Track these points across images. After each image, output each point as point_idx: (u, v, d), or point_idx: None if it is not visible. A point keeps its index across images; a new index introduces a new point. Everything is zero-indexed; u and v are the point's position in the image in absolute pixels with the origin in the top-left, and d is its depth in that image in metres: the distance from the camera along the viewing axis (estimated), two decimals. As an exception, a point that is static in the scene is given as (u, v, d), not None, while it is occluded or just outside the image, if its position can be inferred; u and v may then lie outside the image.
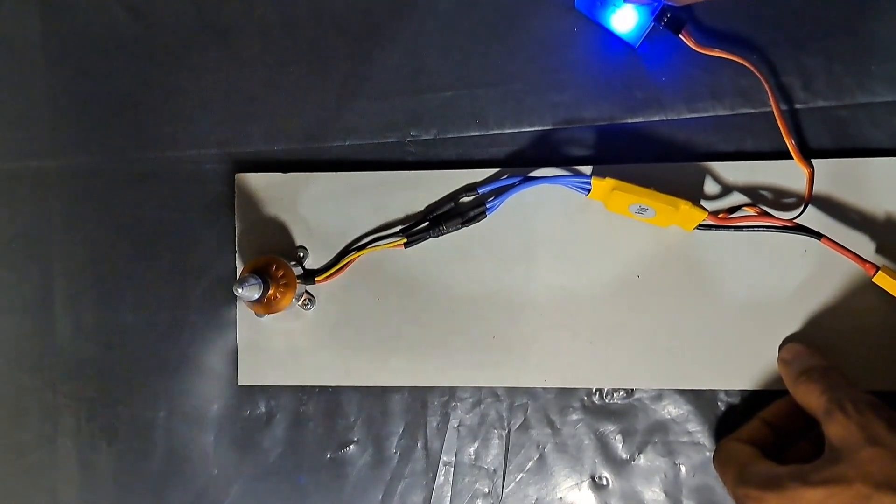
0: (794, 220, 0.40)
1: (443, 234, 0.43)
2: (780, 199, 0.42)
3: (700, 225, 0.41)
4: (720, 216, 0.41)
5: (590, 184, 0.41)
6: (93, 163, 0.47)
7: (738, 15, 0.43)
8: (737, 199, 0.42)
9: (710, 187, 0.43)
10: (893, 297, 0.39)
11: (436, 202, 0.44)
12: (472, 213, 0.43)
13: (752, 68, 0.41)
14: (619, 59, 0.44)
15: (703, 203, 0.42)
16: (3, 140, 0.48)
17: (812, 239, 0.40)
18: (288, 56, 0.46)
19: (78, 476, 0.47)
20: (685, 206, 0.39)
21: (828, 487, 0.33)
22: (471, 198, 0.44)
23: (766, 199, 0.42)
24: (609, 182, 0.40)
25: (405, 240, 0.43)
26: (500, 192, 0.43)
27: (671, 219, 0.41)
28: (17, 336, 0.48)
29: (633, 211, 0.41)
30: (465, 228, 0.43)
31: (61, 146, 0.48)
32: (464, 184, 0.44)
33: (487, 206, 0.43)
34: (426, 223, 0.43)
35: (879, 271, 0.39)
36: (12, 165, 0.48)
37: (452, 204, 0.43)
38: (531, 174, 0.43)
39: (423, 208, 0.44)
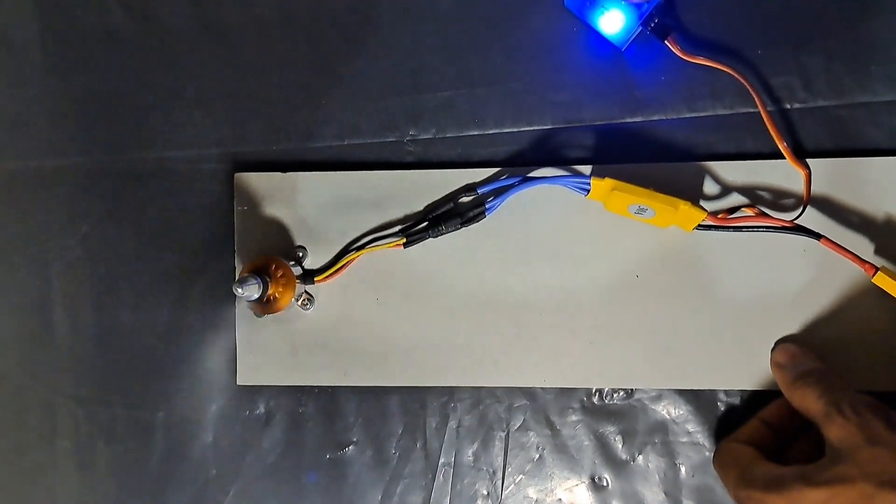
0: (794, 221, 0.40)
1: (442, 234, 0.43)
2: (780, 199, 0.42)
3: (699, 225, 0.41)
4: (720, 217, 0.41)
5: (589, 184, 0.41)
6: (92, 163, 0.47)
7: (735, 16, 0.43)
8: (736, 199, 0.42)
9: (710, 187, 0.43)
10: (893, 297, 0.39)
11: (435, 202, 0.44)
12: (471, 214, 0.43)
13: (738, 76, 0.42)
14: (617, 59, 0.44)
15: (702, 203, 0.42)
16: (2, 140, 0.48)
17: (811, 239, 0.40)
18: (287, 55, 0.46)
19: (76, 476, 0.47)
20: (684, 207, 0.39)
21: (831, 487, 0.32)
22: (470, 198, 0.44)
23: (765, 199, 0.42)
24: (608, 182, 0.40)
25: (404, 240, 0.43)
26: (499, 193, 0.43)
27: (670, 219, 0.41)
28: (16, 336, 0.48)
29: (633, 211, 0.41)
30: (464, 228, 0.43)
31: (60, 146, 0.48)
32: (463, 184, 0.44)
33: (487, 206, 0.43)
34: (425, 223, 0.43)
35: (879, 272, 0.39)
36: (12, 165, 0.48)
37: (452, 204, 0.43)
38: (530, 174, 0.43)
39: (422, 208, 0.44)
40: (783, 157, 0.41)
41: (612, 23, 0.42)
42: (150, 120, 0.47)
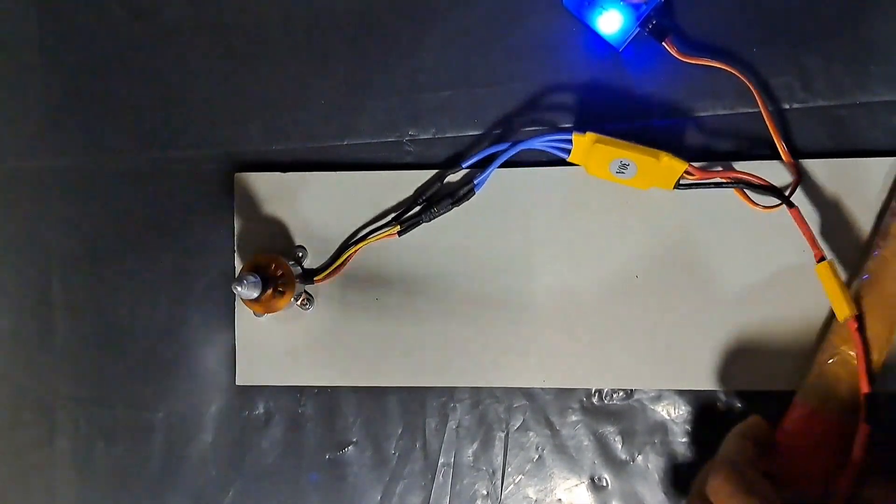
0: (769, 182, 0.40)
1: (435, 217, 0.43)
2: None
3: (680, 184, 0.41)
4: (706, 171, 0.41)
5: (571, 143, 0.41)
6: (92, 163, 0.47)
7: (734, 17, 0.43)
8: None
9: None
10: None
11: (424, 184, 0.44)
12: (461, 192, 0.43)
13: (739, 75, 0.42)
14: (617, 59, 0.44)
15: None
16: (2, 140, 0.48)
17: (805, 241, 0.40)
18: (287, 56, 0.46)
19: (76, 477, 0.47)
20: (666, 158, 0.39)
21: None
22: (458, 177, 0.44)
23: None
24: (590, 136, 0.40)
25: (398, 227, 0.43)
26: (485, 164, 0.43)
27: (652, 175, 0.41)
28: (15, 336, 0.48)
29: (614, 170, 0.41)
30: (463, 229, 0.43)
31: (61, 146, 0.48)
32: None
33: (475, 182, 0.43)
34: (417, 208, 0.44)
35: (825, 261, 0.38)
36: (12, 165, 0.48)
37: (439, 184, 0.44)
38: (509, 134, 0.43)
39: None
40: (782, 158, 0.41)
41: (610, 23, 0.42)
42: (149, 120, 0.47)
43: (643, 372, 0.43)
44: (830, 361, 0.39)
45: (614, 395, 0.44)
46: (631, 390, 0.43)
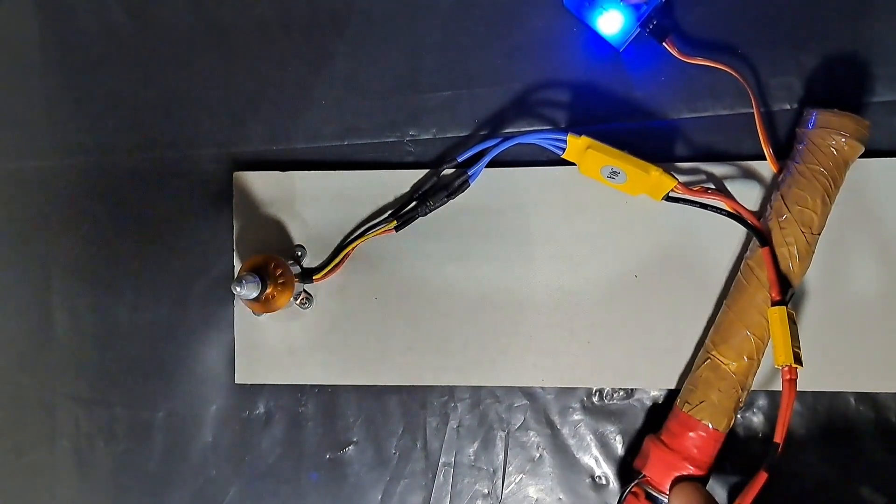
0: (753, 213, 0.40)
1: (431, 211, 0.43)
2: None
3: (668, 196, 0.41)
4: (694, 189, 0.40)
5: (566, 142, 0.41)
6: (92, 163, 0.47)
7: (735, 18, 0.43)
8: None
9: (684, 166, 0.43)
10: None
11: (421, 179, 0.44)
12: (456, 184, 0.43)
13: (736, 75, 0.42)
14: (618, 59, 0.44)
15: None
16: (2, 140, 0.48)
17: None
18: (287, 55, 0.46)
19: (76, 476, 0.47)
20: (656, 173, 0.39)
21: None
22: (452, 170, 0.44)
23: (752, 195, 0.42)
24: (584, 140, 0.40)
25: (395, 223, 0.43)
26: (479, 157, 0.43)
27: (642, 185, 0.41)
28: (16, 336, 0.48)
29: (605, 175, 0.41)
30: (462, 229, 0.43)
31: (60, 146, 0.48)
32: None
33: (469, 173, 0.43)
34: (413, 203, 0.44)
35: (779, 307, 0.38)
36: (12, 165, 0.48)
37: (435, 178, 0.44)
38: (507, 133, 0.43)
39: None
40: (783, 157, 0.41)
41: (611, 23, 0.42)
42: (150, 120, 0.47)
43: (643, 372, 0.43)
44: (703, 365, 0.40)
45: (614, 395, 0.44)
46: (631, 390, 0.43)
